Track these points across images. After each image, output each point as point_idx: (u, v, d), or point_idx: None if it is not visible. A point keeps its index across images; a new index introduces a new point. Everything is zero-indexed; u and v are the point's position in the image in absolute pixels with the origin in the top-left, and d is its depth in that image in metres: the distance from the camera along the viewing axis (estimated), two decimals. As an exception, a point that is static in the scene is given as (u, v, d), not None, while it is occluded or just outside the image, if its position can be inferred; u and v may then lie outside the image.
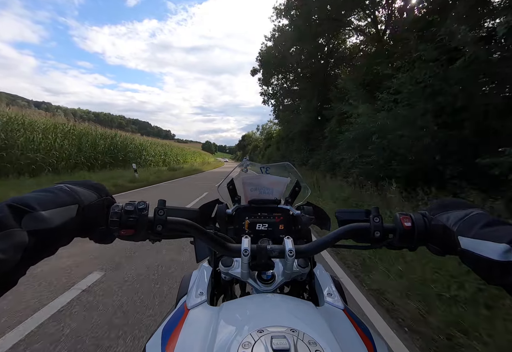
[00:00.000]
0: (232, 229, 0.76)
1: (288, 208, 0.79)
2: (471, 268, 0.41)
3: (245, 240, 0.49)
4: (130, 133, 19.41)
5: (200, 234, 0.50)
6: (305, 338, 0.35)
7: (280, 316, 0.42)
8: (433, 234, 0.47)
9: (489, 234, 0.37)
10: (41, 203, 0.34)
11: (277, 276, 0.57)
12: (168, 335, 0.43)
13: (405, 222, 0.49)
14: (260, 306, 0.46)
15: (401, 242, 0.50)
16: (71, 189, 0.40)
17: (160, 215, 0.48)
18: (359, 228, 0.52)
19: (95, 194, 0.43)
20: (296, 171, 0.90)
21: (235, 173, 0.92)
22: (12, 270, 0.29)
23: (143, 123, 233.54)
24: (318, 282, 0.63)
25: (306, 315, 0.44)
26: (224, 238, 0.56)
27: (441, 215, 0.47)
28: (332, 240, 0.52)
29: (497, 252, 0.34)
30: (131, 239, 0.48)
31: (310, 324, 0.40)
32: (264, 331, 0.35)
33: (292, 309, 0.46)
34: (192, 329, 0.43)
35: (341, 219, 0.59)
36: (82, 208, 0.40)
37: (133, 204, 0.46)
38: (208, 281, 0.62)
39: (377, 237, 0.51)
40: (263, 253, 0.49)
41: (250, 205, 0.78)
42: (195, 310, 0.50)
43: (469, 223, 0.41)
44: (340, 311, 0.51)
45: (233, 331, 0.37)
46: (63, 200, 0.37)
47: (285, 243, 0.49)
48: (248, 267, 0.50)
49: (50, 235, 0.34)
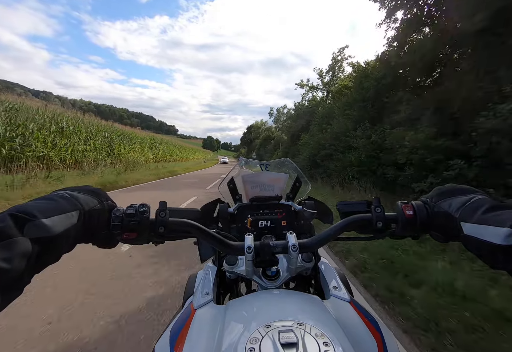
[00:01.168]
0: (235, 227, 0.76)
1: (289, 204, 0.79)
2: (474, 254, 0.41)
3: (248, 237, 0.49)
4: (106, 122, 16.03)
5: (203, 234, 0.50)
6: (313, 331, 0.35)
7: (287, 310, 0.42)
8: (436, 221, 0.47)
9: (492, 218, 0.37)
10: (43, 210, 0.34)
11: (281, 271, 0.57)
12: (176, 335, 0.43)
13: (407, 210, 0.49)
14: (266, 302, 0.46)
15: (404, 231, 0.50)
16: (71, 195, 0.40)
17: (162, 216, 0.48)
18: (361, 219, 0.52)
19: (95, 199, 0.43)
20: (295, 166, 0.90)
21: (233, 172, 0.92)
22: (17, 278, 0.29)
23: (146, 117, 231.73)
24: (323, 275, 0.63)
25: (313, 309, 0.44)
26: (227, 236, 0.55)
27: (442, 202, 0.46)
28: (334, 232, 0.52)
29: (500, 236, 0.34)
30: (134, 242, 0.48)
31: (317, 317, 0.40)
32: (271, 326, 0.36)
33: (298, 303, 0.46)
34: (200, 328, 0.43)
35: (343, 211, 0.58)
36: (83, 214, 0.40)
37: (134, 207, 0.46)
38: (214, 281, 0.62)
39: (380, 227, 0.51)
40: (266, 250, 0.49)
41: (251, 202, 0.78)
42: (202, 309, 0.50)
43: (471, 208, 0.41)
44: (346, 304, 0.52)
45: (240, 328, 0.37)
46: (64, 207, 0.37)
47: (288, 238, 0.49)
48: (252, 264, 0.50)
49: (53, 242, 0.34)
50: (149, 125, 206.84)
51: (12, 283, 0.29)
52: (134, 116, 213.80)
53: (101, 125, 15.02)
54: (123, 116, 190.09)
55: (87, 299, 1.99)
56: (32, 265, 0.31)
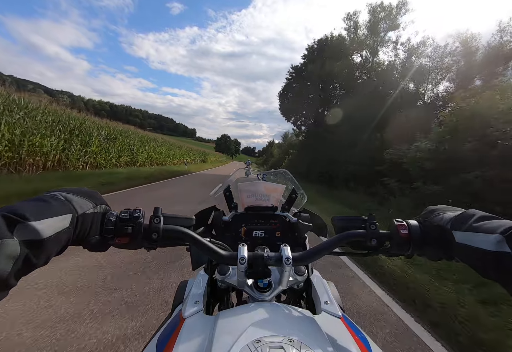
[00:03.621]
0: (229, 236, 0.75)
1: (285, 215, 0.79)
2: (466, 263, 0.41)
3: (241, 247, 0.49)
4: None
5: (196, 243, 0.49)
6: (303, 348, 0.34)
7: (277, 325, 0.41)
8: (429, 236, 0.48)
9: (482, 226, 0.38)
10: (34, 212, 0.33)
11: (273, 284, 0.57)
12: (163, 345, 0.42)
13: (401, 229, 0.49)
14: (257, 315, 0.45)
15: (398, 249, 0.50)
16: (65, 197, 0.40)
17: (156, 222, 0.47)
18: (356, 235, 0.52)
19: (90, 203, 0.43)
20: (292, 178, 0.90)
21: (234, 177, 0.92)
22: (3, 281, 0.29)
23: (164, 118, 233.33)
24: (315, 289, 0.63)
25: (304, 324, 0.43)
26: (220, 245, 0.55)
27: (434, 217, 0.48)
28: (329, 247, 0.52)
29: (490, 242, 0.35)
30: (126, 247, 0.47)
31: (307, 334, 0.39)
32: (261, 341, 0.35)
33: (289, 318, 0.45)
34: (188, 339, 0.42)
35: (338, 226, 0.58)
36: (76, 218, 0.39)
37: (128, 212, 0.46)
38: (204, 289, 0.61)
39: (374, 245, 0.51)
40: (259, 261, 0.48)
41: (246, 212, 0.78)
42: (191, 319, 0.49)
43: (462, 218, 0.42)
44: (337, 320, 0.51)
45: (230, 341, 0.37)
46: (56, 210, 0.37)
47: (282, 251, 0.49)
48: (244, 275, 0.49)
49: (43, 245, 0.33)
50: (162, 125, 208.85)
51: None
52: (153, 117, 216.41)
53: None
54: (139, 116, 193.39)
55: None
56: (19, 268, 0.31)
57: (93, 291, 2.07)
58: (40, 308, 1.79)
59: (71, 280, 2.22)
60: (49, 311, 1.77)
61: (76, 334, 1.58)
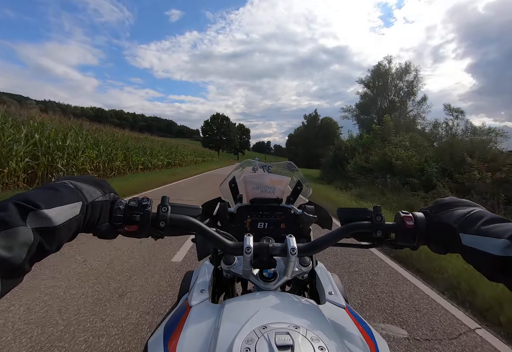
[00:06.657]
0: (234, 227, 0.76)
1: (289, 207, 0.79)
2: (472, 265, 0.41)
3: (247, 237, 0.49)
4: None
5: (203, 232, 0.50)
6: (308, 334, 0.35)
7: (283, 313, 0.42)
8: (435, 232, 0.47)
9: (490, 230, 0.38)
10: (46, 200, 0.34)
11: (278, 274, 0.57)
12: (170, 332, 0.43)
13: (407, 221, 0.49)
14: (263, 303, 0.46)
15: (403, 241, 0.50)
16: (75, 185, 0.40)
17: (164, 211, 0.48)
18: (361, 227, 0.52)
19: (99, 191, 0.43)
20: (298, 170, 0.90)
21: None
22: (18, 267, 0.30)
23: (162, 120, 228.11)
24: (320, 280, 0.63)
25: (309, 313, 0.44)
26: (226, 236, 0.55)
27: (443, 213, 0.47)
28: (334, 238, 0.52)
29: (498, 247, 0.35)
30: (134, 235, 0.48)
31: (312, 321, 0.40)
32: (267, 327, 0.36)
33: (295, 306, 0.46)
34: (194, 326, 0.43)
35: (343, 218, 0.58)
36: (86, 206, 0.40)
37: (136, 200, 0.46)
38: (210, 279, 0.62)
39: (379, 236, 0.51)
40: (265, 251, 0.49)
41: (251, 203, 0.78)
42: (197, 307, 0.49)
43: (470, 220, 0.42)
44: (341, 310, 0.52)
45: (236, 328, 0.37)
46: (67, 198, 0.37)
47: (288, 241, 0.49)
48: (250, 265, 0.49)
49: (55, 232, 0.34)
50: (150, 125, 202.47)
51: (13, 271, 0.29)
52: (150, 119, 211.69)
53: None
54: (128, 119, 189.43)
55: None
56: (33, 254, 0.31)
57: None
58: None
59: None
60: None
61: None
